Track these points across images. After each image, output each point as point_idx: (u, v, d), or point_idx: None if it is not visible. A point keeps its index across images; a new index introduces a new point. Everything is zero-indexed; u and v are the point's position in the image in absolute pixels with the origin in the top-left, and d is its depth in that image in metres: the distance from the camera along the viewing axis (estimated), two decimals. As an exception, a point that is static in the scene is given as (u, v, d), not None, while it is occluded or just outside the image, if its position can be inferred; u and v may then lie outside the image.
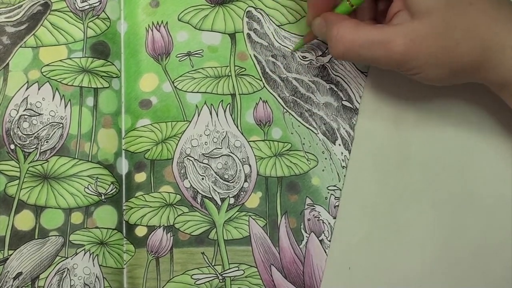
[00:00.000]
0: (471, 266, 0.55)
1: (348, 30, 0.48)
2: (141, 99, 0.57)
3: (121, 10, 0.58)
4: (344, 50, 0.49)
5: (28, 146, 0.55)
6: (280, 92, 0.58)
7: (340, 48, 0.49)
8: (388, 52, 0.47)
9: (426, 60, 0.47)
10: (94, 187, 0.55)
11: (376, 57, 0.48)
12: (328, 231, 0.55)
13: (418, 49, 0.47)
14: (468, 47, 0.47)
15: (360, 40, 0.48)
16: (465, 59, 0.47)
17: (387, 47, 0.47)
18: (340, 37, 0.48)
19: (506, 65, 0.47)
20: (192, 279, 0.55)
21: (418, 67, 0.48)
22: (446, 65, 0.48)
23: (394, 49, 0.47)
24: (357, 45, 0.48)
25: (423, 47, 0.47)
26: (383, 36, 0.47)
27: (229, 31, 0.59)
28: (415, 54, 0.47)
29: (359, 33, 0.48)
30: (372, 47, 0.48)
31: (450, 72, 0.48)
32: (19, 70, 0.56)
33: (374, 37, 0.48)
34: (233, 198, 0.56)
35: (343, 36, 0.48)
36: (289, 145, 0.57)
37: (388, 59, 0.48)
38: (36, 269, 0.53)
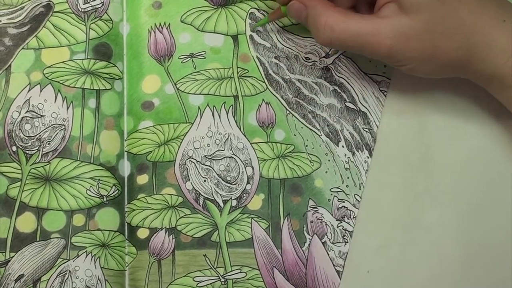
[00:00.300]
0: (493, 271, 0.54)
1: (336, 20, 0.48)
2: (143, 101, 0.57)
3: (124, 12, 0.58)
4: (332, 39, 0.49)
5: (30, 148, 0.55)
6: (283, 93, 0.57)
7: (327, 37, 0.49)
8: (376, 44, 0.47)
9: (413, 54, 0.48)
10: (96, 189, 0.55)
11: (364, 48, 0.48)
12: (331, 233, 0.55)
13: (406, 43, 0.47)
14: (455, 44, 0.47)
15: (349, 30, 0.48)
16: (453, 55, 0.48)
17: (376, 39, 0.47)
18: (329, 26, 0.48)
19: (493, 61, 0.48)
20: (194, 282, 0.54)
21: (404, 60, 0.48)
22: (433, 60, 0.48)
23: (382, 42, 0.47)
24: (345, 35, 0.48)
25: (411, 42, 0.47)
26: (372, 27, 0.47)
27: (232, 33, 0.58)
28: (402, 48, 0.47)
29: (348, 23, 0.48)
30: (360, 38, 0.48)
31: (437, 67, 0.49)
32: (21, 71, 0.56)
33: (363, 28, 0.48)
34: (236, 200, 0.56)
35: (332, 26, 0.48)
36: (292, 147, 0.57)
37: (376, 51, 0.48)
38: (38, 271, 0.53)
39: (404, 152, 0.56)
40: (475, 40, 0.47)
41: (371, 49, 0.48)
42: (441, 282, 0.54)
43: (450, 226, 0.55)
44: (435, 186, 0.56)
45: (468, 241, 0.55)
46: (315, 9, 0.50)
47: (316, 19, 0.49)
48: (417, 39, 0.47)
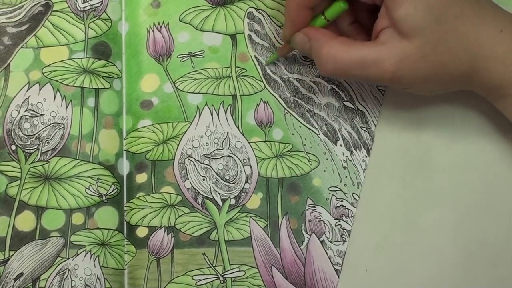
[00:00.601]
0: (491, 271, 0.55)
1: (339, 50, 0.49)
2: (142, 100, 0.57)
3: (122, 11, 0.58)
4: (335, 69, 0.49)
5: (29, 146, 0.55)
6: (281, 93, 0.58)
7: (330, 67, 0.49)
8: (379, 72, 0.48)
9: (416, 77, 0.48)
10: (95, 187, 0.55)
11: (367, 76, 0.49)
12: (329, 232, 0.55)
13: (409, 68, 0.47)
14: (457, 62, 0.47)
15: (351, 60, 0.48)
16: (455, 72, 0.48)
17: (378, 67, 0.47)
18: (331, 57, 0.49)
19: (493, 72, 0.48)
20: (193, 280, 0.55)
21: (408, 83, 0.49)
22: (437, 79, 0.48)
23: (385, 68, 0.47)
24: (347, 64, 0.48)
25: (413, 66, 0.47)
26: (373, 55, 0.48)
27: (230, 32, 0.59)
28: (406, 72, 0.47)
29: (350, 52, 0.48)
30: (363, 66, 0.48)
31: (440, 85, 0.50)
32: (20, 70, 0.56)
33: (365, 57, 0.48)
34: (234, 199, 0.56)
35: (334, 56, 0.49)
36: (290, 146, 0.57)
37: (380, 78, 0.48)
38: (37, 270, 0.53)
39: (402, 151, 0.57)
40: (477, 54, 0.47)
41: (375, 77, 0.48)
42: (439, 281, 0.55)
43: (448, 225, 0.55)
44: (433, 186, 0.56)
45: (466, 241, 0.55)
46: (317, 41, 0.50)
47: (318, 50, 0.50)
48: (419, 62, 0.47)
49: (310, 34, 0.51)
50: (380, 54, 0.47)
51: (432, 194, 0.56)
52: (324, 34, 0.50)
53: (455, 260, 0.55)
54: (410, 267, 0.55)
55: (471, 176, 0.56)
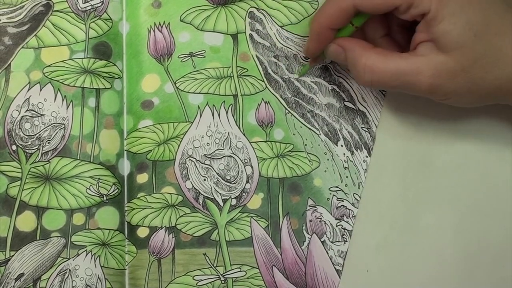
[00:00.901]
0: (490, 272, 0.55)
1: (376, 61, 0.49)
2: (143, 100, 0.57)
3: (123, 11, 0.58)
4: (373, 79, 0.49)
5: (30, 147, 0.55)
6: (282, 93, 0.58)
7: (368, 77, 0.49)
8: (417, 83, 0.48)
9: (454, 90, 0.48)
10: (96, 188, 0.55)
11: (405, 87, 0.49)
12: (330, 232, 0.55)
13: (446, 81, 0.48)
14: (495, 76, 0.48)
15: (390, 71, 0.49)
16: (492, 86, 0.48)
17: (416, 79, 0.48)
18: (369, 67, 0.49)
19: None
20: (194, 280, 0.55)
21: (445, 95, 0.49)
22: (474, 94, 0.49)
23: (422, 80, 0.48)
24: (386, 75, 0.49)
25: (450, 80, 0.48)
26: (411, 67, 0.48)
27: (231, 32, 0.58)
28: (443, 85, 0.48)
29: (388, 63, 0.49)
30: (401, 78, 0.48)
31: (478, 99, 0.50)
32: (21, 71, 0.56)
33: (403, 68, 0.48)
34: (235, 199, 0.56)
35: (372, 67, 0.49)
36: (291, 146, 0.57)
37: (417, 89, 0.49)
38: (38, 270, 0.53)
39: (403, 152, 0.57)
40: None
41: (412, 88, 0.49)
42: (440, 281, 0.55)
43: (449, 226, 0.55)
44: (433, 186, 0.56)
45: (466, 241, 0.55)
46: (354, 52, 0.50)
47: (355, 62, 0.50)
48: (457, 75, 0.47)
49: (344, 44, 0.51)
50: (418, 66, 0.48)
51: (433, 195, 0.56)
52: (359, 45, 0.51)
53: (456, 261, 0.55)
54: (411, 268, 0.55)
55: (471, 176, 0.56)
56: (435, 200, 0.56)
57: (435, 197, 0.56)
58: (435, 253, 0.55)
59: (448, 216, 0.56)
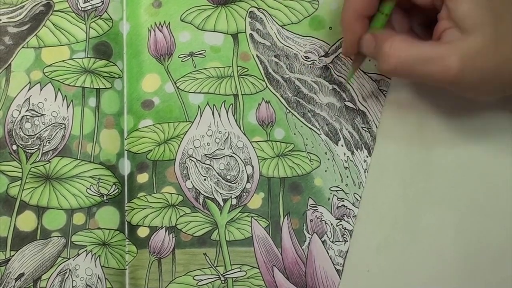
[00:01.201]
0: (492, 272, 0.54)
1: (401, 45, 0.48)
2: (143, 100, 0.57)
3: (124, 11, 0.58)
4: (397, 65, 0.48)
5: (30, 146, 0.55)
6: (283, 92, 0.57)
7: (392, 63, 0.48)
8: (444, 68, 0.47)
9: (481, 75, 0.47)
10: (96, 188, 0.55)
11: (431, 74, 0.47)
12: (331, 232, 0.55)
13: (474, 64, 0.46)
14: None
15: (415, 55, 0.47)
16: None
17: (443, 64, 0.46)
18: (393, 52, 0.48)
19: None
20: (194, 280, 0.55)
21: (472, 83, 0.47)
22: (500, 79, 0.47)
23: (450, 65, 0.46)
24: (411, 60, 0.47)
25: (478, 62, 0.46)
26: (437, 52, 0.47)
27: (232, 32, 0.58)
28: (470, 69, 0.46)
29: (413, 48, 0.48)
30: (426, 63, 0.47)
31: (501, 87, 0.48)
32: (21, 70, 0.56)
33: (429, 53, 0.47)
34: (236, 199, 0.56)
35: (396, 51, 0.48)
36: (291, 145, 0.57)
37: (444, 76, 0.47)
38: (38, 270, 0.53)
39: (404, 152, 0.56)
40: None
41: (439, 74, 0.47)
42: (440, 281, 0.55)
43: (449, 226, 0.55)
44: (434, 186, 0.56)
45: (467, 241, 0.55)
46: (380, 37, 0.49)
47: (381, 46, 0.49)
48: (483, 58, 0.46)
49: (375, 34, 0.50)
50: (444, 51, 0.47)
51: (433, 195, 0.56)
52: (386, 32, 0.50)
53: (456, 261, 0.55)
54: (412, 268, 0.55)
55: (472, 176, 0.56)
56: (436, 200, 0.56)
57: (435, 197, 0.56)
58: (435, 253, 0.55)
59: (448, 216, 0.55)
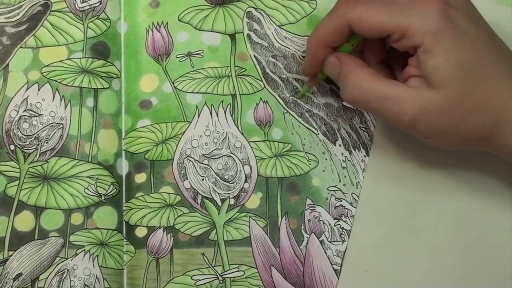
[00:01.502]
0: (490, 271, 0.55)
1: (365, 79, 0.48)
2: (141, 100, 0.57)
3: (121, 11, 0.58)
4: (357, 97, 0.49)
5: (28, 146, 0.55)
6: (281, 92, 0.58)
7: (354, 94, 0.49)
8: (400, 112, 0.47)
9: (436, 127, 0.47)
10: (94, 188, 0.55)
11: (387, 113, 0.48)
12: (329, 232, 0.55)
13: (430, 116, 0.47)
14: (479, 120, 0.47)
15: (377, 92, 0.48)
16: (475, 130, 0.47)
17: (401, 106, 0.47)
18: (357, 84, 0.48)
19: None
20: (192, 280, 0.55)
21: (426, 133, 0.48)
22: (455, 134, 0.48)
23: (406, 110, 0.47)
24: (371, 95, 0.48)
25: (434, 116, 0.46)
26: (397, 94, 0.47)
27: (229, 32, 0.59)
28: (426, 120, 0.47)
29: (376, 84, 0.48)
30: (385, 101, 0.47)
31: (459, 141, 0.49)
32: (19, 70, 0.56)
33: (389, 92, 0.47)
34: (233, 199, 0.56)
35: (360, 84, 0.48)
36: (289, 145, 0.57)
37: (399, 118, 0.47)
38: (36, 270, 0.53)
39: (401, 151, 0.57)
40: (500, 116, 0.47)
41: (394, 115, 0.48)
42: (438, 281, 0.55)
43: (447, 227, 0.55)
44: (432, 186, 0.56)
45: (465, 241, 0.55)
46: (348, 66, 0.50)
47: (346, 76, 0.49)
48: (442, 112, 0.46)
49: (342, 58, 0.51)
50: (404, 95, 0.47)
51: (431, 194, 0.56)
52: (355, 61, 0.50)
53: (454, 260, 0.55)
54: (410, 268, 0.55)
55: (469, 175, 0.56)
56: (434, 199, 0.56)
57: (433, 196, 0.56)
58: (433, 253, 0.55)
59: (446, 216, 0.56)
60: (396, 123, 0.49)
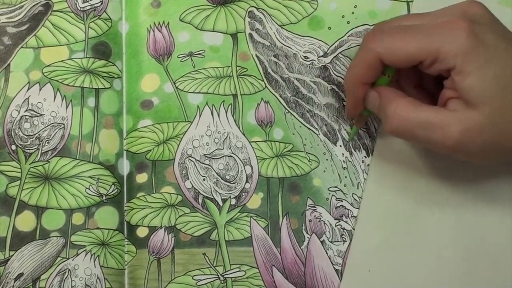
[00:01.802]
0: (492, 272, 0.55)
1: (405, 108, 0.48)
2: (142, 100, 0.57)
3: (123, 11, 0.58)
4: (399, 127, 0.48)
5: (29, 146, 0.55)
6: (282, 92, 0.57)
7: (395, 124, 0.48)
8: (443, 137, 0.47)
9: (480, 147, 0.47)
10: (95, 187, 0.55)
11: (430, 139, 0.48)
12: (330, 232, 0.55)
13: (473, 137, 0.46)
14: None
15: (417, 120, 0.47)
16: None
17: (443, 132, 0.47)
18: (397, 114, 0.48)
19: None
20: (193, 280, 0.55)
21: (470, 153, 0.48)
22: (499, 150, 0.47)
23: (449, 134, 0.46)
24: (413, 123, 0.48)
25: (478, 136, 0.46)
26: (438, 120, 0.47)
27: (231, 31, 0.58)
28: (469, 142, 0.46)
29: (417, 112, 0.48)
30: (427, 128, 0.47)
31: (502, 156, 0.48)
32: (20, 70, 0.56)
33: (431, 119, 0.47)
34: (235, 199, 0.56)
35: (400, 113, 0.48)
36: (290, 145, 0.57)
37: (442, 143, 0.47)
38: (37, 270, 0.53)
39: (404, 152, 0.56)
40: None
41: (438, 141, 0.47)
42: (441, 282, 0.55)
43: (450, 228, 0.55)
44: (434, 186, 0.56)
45: (467, 241, 0.55)
46: (386, 98, 0.49)
47: (386, 107, 0.49)
48: (485, 131, 0.46)
49: (380, 91, 0.51)
50: (446, 119, 0.47)
51: (433, 195, 0.56)
52: (392, 92, 0.50)
53: (457, 261, 0.55)
54: (412, 268, 0.55)
55: (472, 176, 0.56)
56: (436, 200, 0.56)
57: (435, 197, 0.56)
58: (436, 254, 0.55)
59: (448, 216, 0.55)
60: (441, 149, 0.48)
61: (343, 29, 0.58)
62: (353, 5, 0.58)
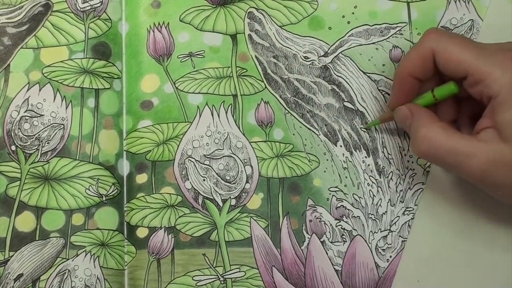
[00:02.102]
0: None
1: (437, 133, 0.48)
2: (142, 100, 0.57)
3: (123, 11, 0.58)
4: (427, 152, 0.48)
5: (29, 147, 0.55)
6: (282, 93, 0.57)
7: (424, 149, 0.48)
8: (470, 167, 0.47)
9: (505, 183, 0.46)
10: (95, 188, 0.55)
11: (458, 168, 0.48)
12: (330, 233, 0.55)
13: (500, 171, 0.46)
14: None
15: (447, 147, 0.47)
16: None
17: (471, 162, 0.46)
18: (428, 139, 0.48)
19: None
20: (193, 281, 0.55)
21: (495, 187, 0.47)
22: None
23: (476, 165, 0.46)
24: (441, 150, 0.48)
25: (505, 170, 0.46)
26: (469, 149, 0.47)
27: (231, 32, 0.58)
28: (495, 175, 0.46)
29: (446, 139, 0.47)
30: (456, 156, 0.47)
31: None
32: (20, 71, 0.56)
33: (459, 147, 0.47)
34: (235, 199, 0.56)
35: (430, 139, 0.48)
36: (290, 146, 0.57)
37: (469, 173, 0.47)
38: (37, 271, 0.53)
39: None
40: None
41: (464, 170, 0.47)
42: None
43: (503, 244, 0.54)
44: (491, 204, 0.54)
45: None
46: (419, 120, 0.49)
47: (417, 129, 0.49)
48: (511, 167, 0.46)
49: (413, 110, 0.51)
50: (474, 150, 0.46)
51: (491, 211, 0.55)
52: (427, 114, 0.50)
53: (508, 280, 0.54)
54: (461, 282, 0.54)
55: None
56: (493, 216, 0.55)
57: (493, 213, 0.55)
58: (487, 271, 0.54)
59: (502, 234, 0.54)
60: (467, 177, 0.48)
61: (343, 29, 0.58)
62: (353, 5, 0.58)
